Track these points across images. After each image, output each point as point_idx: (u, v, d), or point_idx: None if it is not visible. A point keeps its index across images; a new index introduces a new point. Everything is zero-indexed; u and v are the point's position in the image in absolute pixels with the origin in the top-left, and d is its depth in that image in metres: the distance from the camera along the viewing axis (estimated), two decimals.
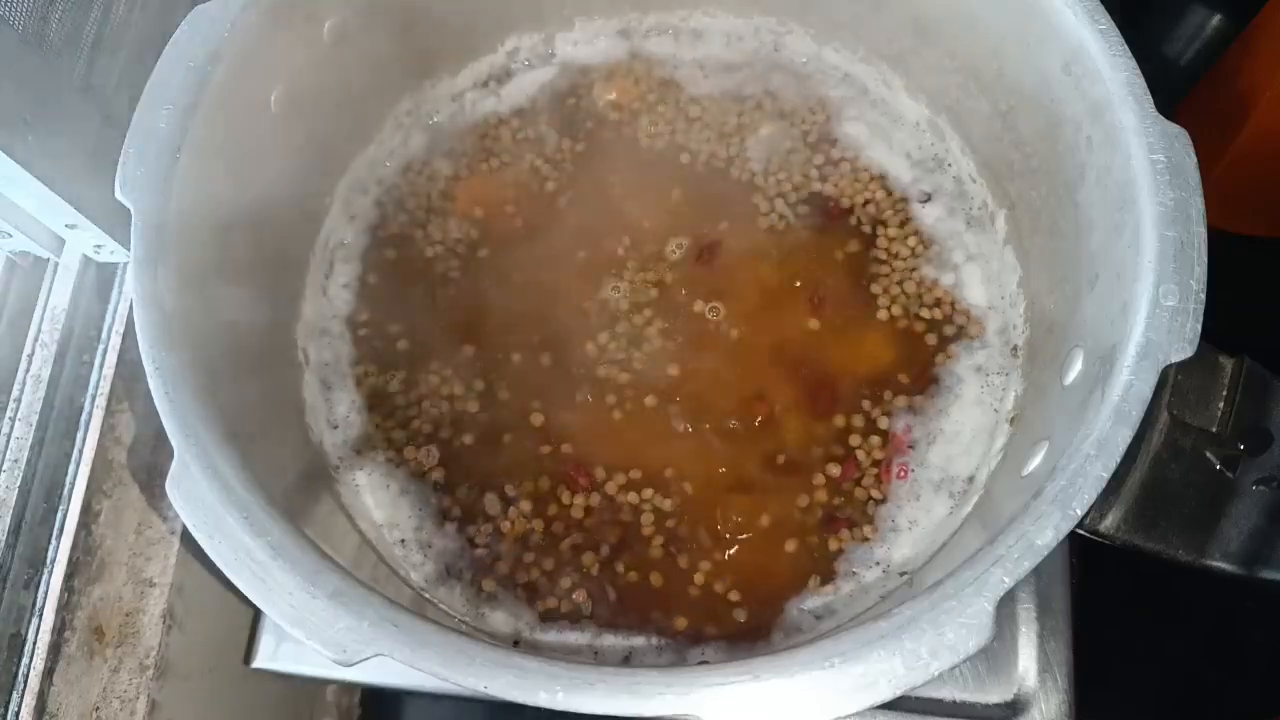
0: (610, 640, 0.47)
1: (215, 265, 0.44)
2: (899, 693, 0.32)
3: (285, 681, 0.53)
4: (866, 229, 0.54)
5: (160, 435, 0.49)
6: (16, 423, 0.47)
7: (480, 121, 0.58)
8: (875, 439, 0.50)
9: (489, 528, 0.49)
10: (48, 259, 0.50)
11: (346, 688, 0.80)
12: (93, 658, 0.47)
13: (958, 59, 0.51)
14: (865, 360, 0.51)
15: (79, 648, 0.46)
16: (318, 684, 0.77)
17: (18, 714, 0.45)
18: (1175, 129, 0.40)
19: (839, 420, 0.50)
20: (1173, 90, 0.73)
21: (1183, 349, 0.37)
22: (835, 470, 0.49)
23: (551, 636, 0.47)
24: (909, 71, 0.56)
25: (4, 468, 0.47)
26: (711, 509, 0.49)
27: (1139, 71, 0.41)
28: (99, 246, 0.50)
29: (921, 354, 0.51)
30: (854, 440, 0.50)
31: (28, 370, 0.48)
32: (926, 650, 0.33)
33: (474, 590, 0.48)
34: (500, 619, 0.47)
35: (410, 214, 0.56)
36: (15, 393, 0.48)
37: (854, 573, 0.47)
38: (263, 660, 0.51)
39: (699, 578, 0.48)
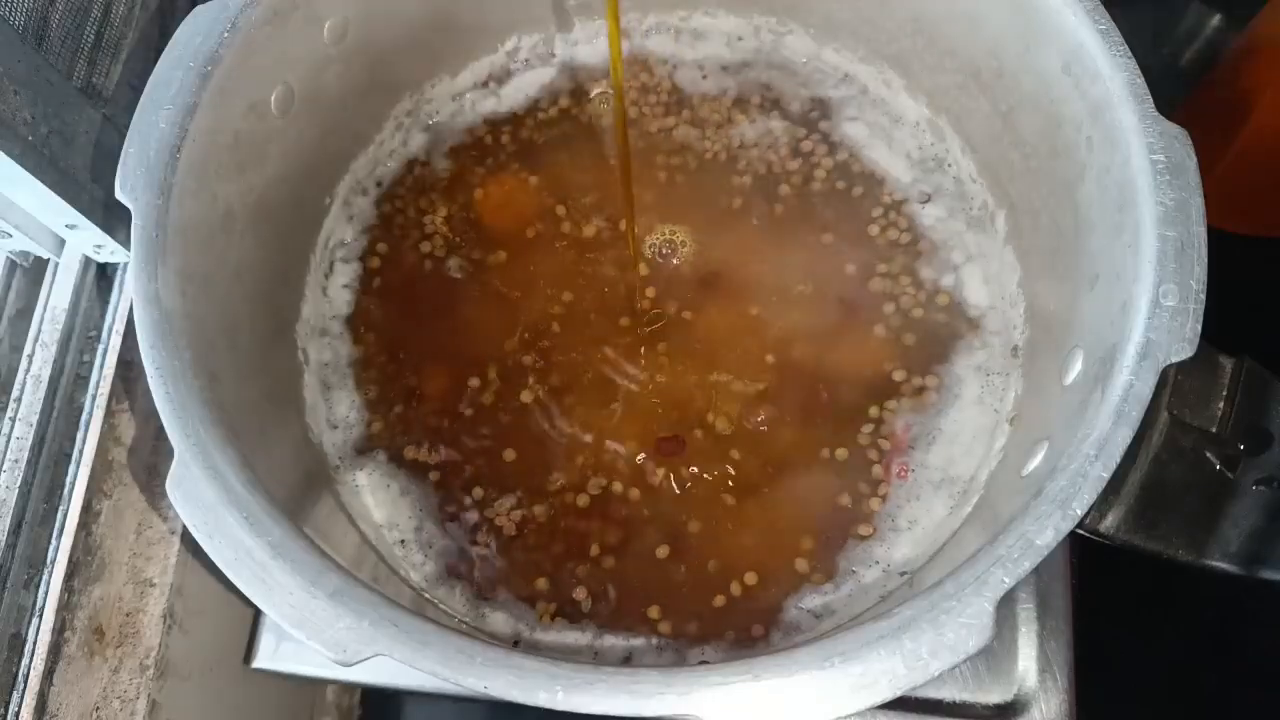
0: (610, 640, 0.47)
1: (215, 265, 0.44)
2: (899, 693, 0.32)
3: (285, 681, 0.53)
4: (866, 230, 0.54)
5: (160, 435, 0.49)
6: (16, 423, 0.47)
7: (480, 122, 0.58)
8: (875, 439, 0.50)
9: (490, 527, 0.49)
10: (48, 259, 0.50)
11: (347, 687, 0.80)
12: (93, 658, 0.47)
13: (958, 59, 0.51)
14: (865, 360, 0.51)
15: (79, 648, 0.46)
16: (318, 684, 0.77)
17: (18, 714, 0.45)
18: (1175, 129, 0.40)
19: (839, 421, 0.50)
20: (1173, 90, 0.73)
21: (1183, 349, 0.37)
22: (834, 470, 0.49)
23: (551, 636, 0.47)
24: (909, 71, 0.56)
25: (4, 468, 0.47)
26: (712, 508, 0.49)
27: (1139, 71, 0.41)
28: (99, 246, 0.50)
29: (921, 354, 0.51)
30: (853, 440, 0.50)
31: (28, 370, 0.48)
32: (926, 650, 0.33)
33: (474, 590, 0.48)
34: (500, 619, 0.47)
35: (410, 214, 0.56)
36: (15, 393, 0.48)
37: (853, 572, 0.47)
38: (263, 660, 0.51)
39: (699, 577, 0.48)
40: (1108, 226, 0.41)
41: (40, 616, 0.46)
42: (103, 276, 0.51)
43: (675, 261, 0.54)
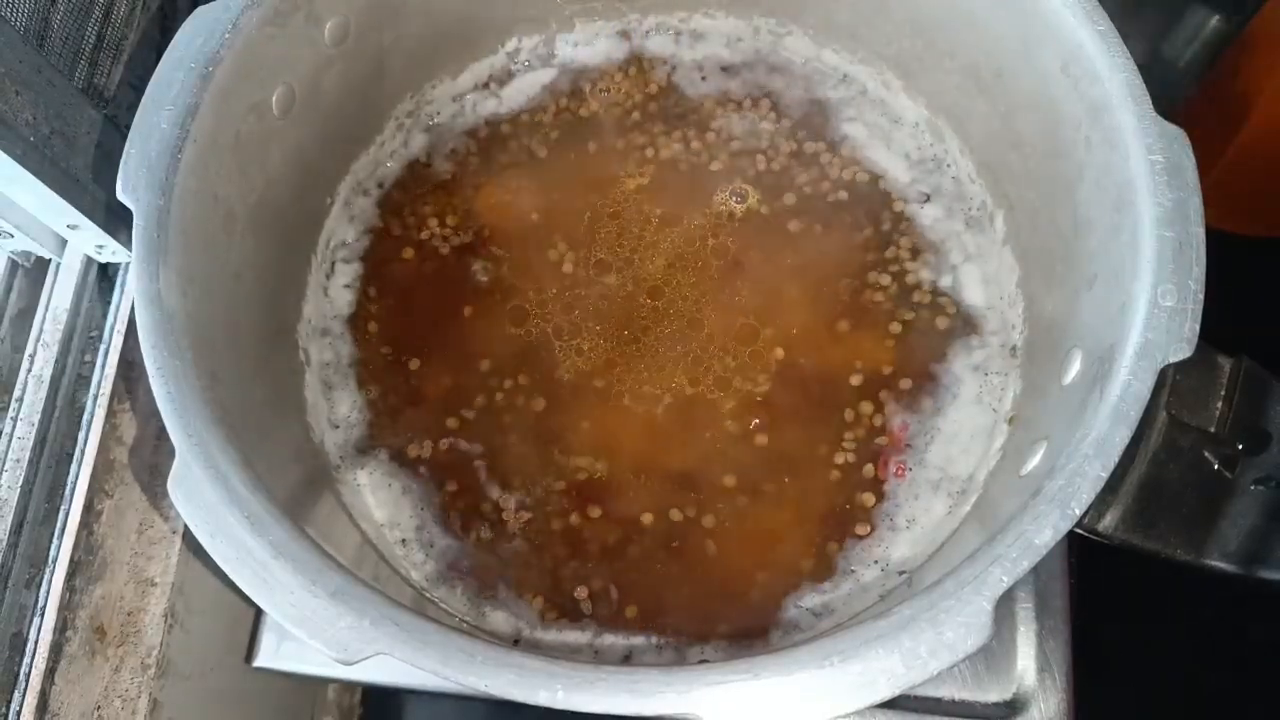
0: (610, 639, 0.47)
1: (216, 266, 0.44)
2: (898, 691, 0.32)
3: (287, 680, 0.53)
4: (865, 230, 0.54)
5: (161, 435, 0.49)
6: (18, 422, 0.47)
7: (481, 123, 0.58)
8: (874, 438, 0.50)
9: (491, 527, 0.49)
10: (49, 259, 0.50)
11: (348, 686, 0.80)
12: (94, 657, 0.47)
13: (957, 60, 0.51)
14: (863, 360, 0.51)
15: (80, 647, 0.46)
16: (319, 683, 0.77)
17: (19, 713, 0.45)
18: (1174, 129, 0.40)
19: (837, 420, 0.50)
20: (1172, 90, 0.74)
21: (1181, 349, 0.37)
22: (833, 469, 0.49)
23: (552, 635, 0.47)
24: (908, 72, 0.56)
25: (6, 467, 0.47)
26: (711, 507, 0.49)
27: (1137, 72, 0.41)
28: (100, 247, 0.50)
29: (920, 354, 0.51)
30: (852, 440, 0.50)
31: (29, 370, 0.48)
32: (925, 649, 0.33)
33: (475, 589, 0.48)
34: (501, 618, 0.48)
35: (412, 215, 0.56)
36: (17, 393, 0.48)
37: (852, 571, 0.47)
38: (264, 659, 0.51)
39: (699, 576, 0.48)
40: (1106, 227, 0.42)
41: (42, 616, 0.46)
42: (104, 277, 0.52)
43: (675, 262, 0.54)
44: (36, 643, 0.45)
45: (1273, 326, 0.60)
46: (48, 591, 0.46)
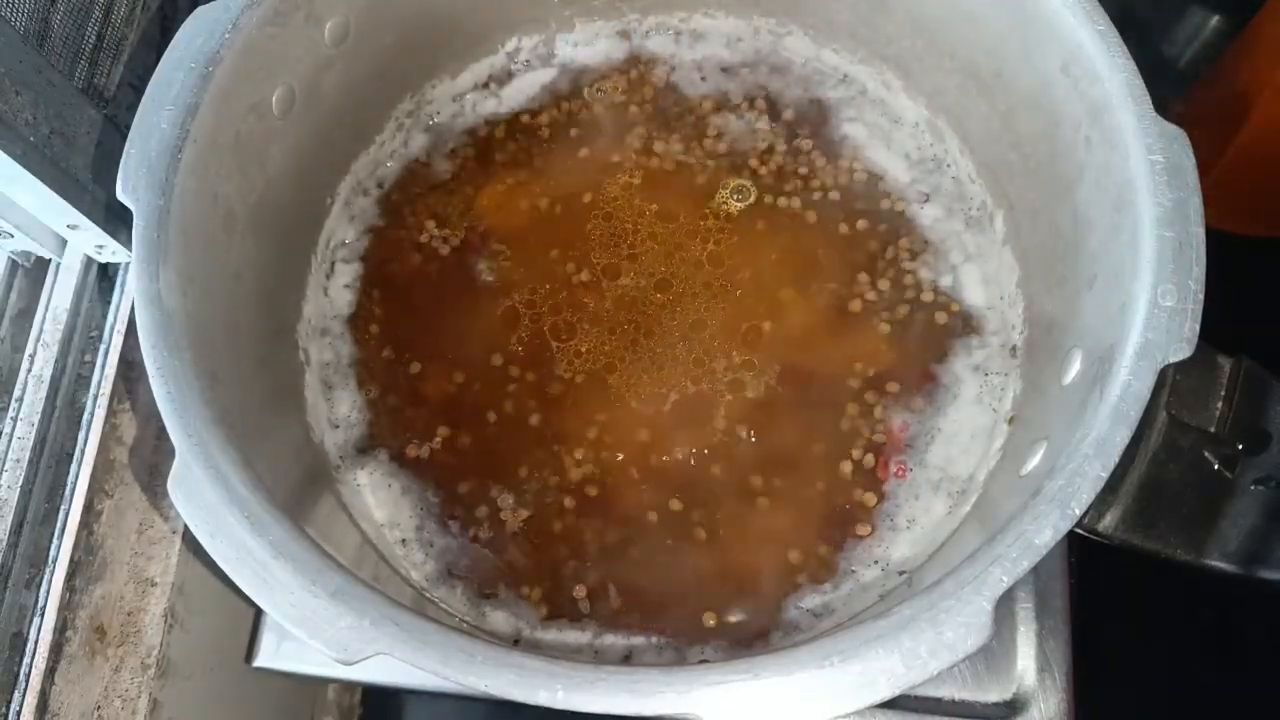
0: (610, 639, 0.47)
1: (216, 265, 0.44)
2: (898, 691, 0.32)
3: (287, 680, 0.53)
4: (864, 230, 0.54)
5: (161, 435, 0.49)
6: (18, 422, 0.47)
7: (481, 123, 0.58)
8: (873, 438, 0.50)
9: (491, 526, 0.49)
10: (49, 259, 0.50)
11: (348, 686, 0.80)
12: (94, 657, 0.47)
13: (957, 60, 0.51)
14: (863, 360, 0.51)
15: (80, 647, 0.46)
16: (319, 683, 0.77)
17: (19, 713, 0.45)
18: (1174, 129, 0.40)
19: (837, 420, 0.50)
20: (1172, 90, 0.74)
21: (1181, 349, 0.37)
22: (833, 470, 0.49)
23: (552, 635, 0.47)
24: (908, 72, 0.56)
25: (6, 467, 0.47)
26: (712, 507, 0.49)
27: (1137, 72, 0.41)
28: (100, 247, 0.50)
29: (920, 354, 0.51)
30: (852, 440, 0.50)
31: (29, 370, 0.48)
32: (925, 649, 0.33)
33: (475, 589, 0.48)
34: (501, 618, 0.48)
35: (412, 215, 0.56)
36: (17, 393, 0.48)
37: (853, 571, 0.47)
38: (264, 659, 0.51)
39: (699, 577, 0.48)
40: (1106, 227, 0.42)
41: (42, 616, 0.46)
42: (104, 277, 0.52)
43: (674, 260, 0.54)
44: (36, 643, 0.45)
45: (1273, 326, 0.60)
46: (48, 591, 0.46)
